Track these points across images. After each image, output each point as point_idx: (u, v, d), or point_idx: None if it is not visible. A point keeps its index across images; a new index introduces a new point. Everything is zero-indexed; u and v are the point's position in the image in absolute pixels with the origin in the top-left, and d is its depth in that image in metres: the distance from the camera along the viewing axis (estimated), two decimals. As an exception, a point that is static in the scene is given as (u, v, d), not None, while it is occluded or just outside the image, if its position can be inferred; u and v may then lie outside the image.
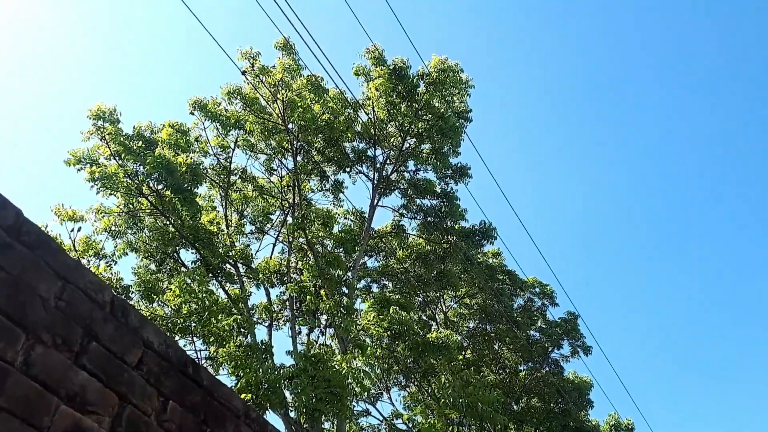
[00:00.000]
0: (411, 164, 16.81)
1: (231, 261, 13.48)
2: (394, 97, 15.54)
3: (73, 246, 12.23)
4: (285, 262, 14.56)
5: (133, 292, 12.63)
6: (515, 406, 18.61)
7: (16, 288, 1.87)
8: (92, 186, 12.61)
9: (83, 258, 12.57)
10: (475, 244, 17.30)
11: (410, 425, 9.08)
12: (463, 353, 17.98)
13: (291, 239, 14.55)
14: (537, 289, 20.00)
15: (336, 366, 10.31)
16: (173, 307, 11.59)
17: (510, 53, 43.73)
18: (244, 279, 14.00)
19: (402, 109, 15.54)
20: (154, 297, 12.36)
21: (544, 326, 19.76)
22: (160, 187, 12.91)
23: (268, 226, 15.53)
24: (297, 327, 13.97)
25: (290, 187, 14.97)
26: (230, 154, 14.97)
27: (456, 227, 16.72)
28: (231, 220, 14.80)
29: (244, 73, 13.78)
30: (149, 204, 13.06)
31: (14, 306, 1.84)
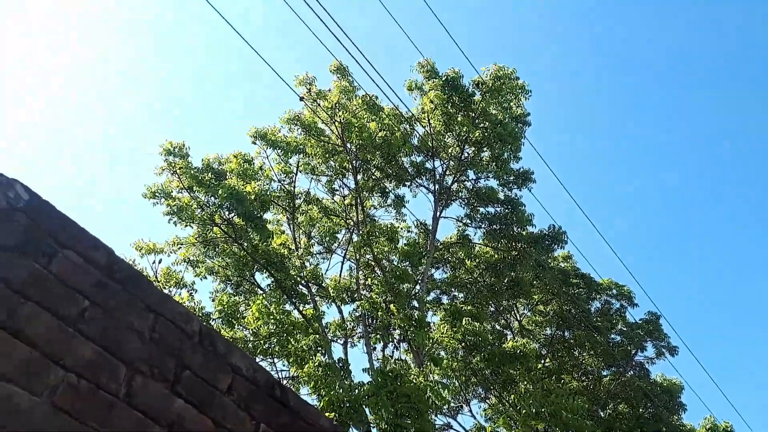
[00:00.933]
0: (471, 173, 16.68)
1: (303, 282, 13.78)
2: (449, 107, 15.52)
3: (156, 278, 12.87)
4: (354, 279, 14.73)
5: (213, 319, 13.12)
6: (602, 413, 17.91)
7: (114, 323, 1.99)
8: (170, 219, 13.27)
9: (165, 288, 13.19)
10: (545, 249, 16.89)
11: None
12: (542, 361, 17.52)
13: (358, 256, 14.71)
14: (614, 291, 19.28)
15: (413, 380, 10.28)
16: (253, 330, 11.95)
17: (564, 46, 42.76)
18: (317, 298, 14.26)
19: (458, 119, 15.48)
20: (234, 322, 12.78)
21: (625, 329, 18.99)
22: (231, 215, 13.41)
23: (335, 245, 15.79)
24: (371, 343, 14.05)
25: (353, 206, 15.18)
26: (293, 179, 15.37)
27: (524, 233, 16.41)
28: (300, 242, 15.14)
29: (302, 99, 14.16)
30: (222, 232, 13.58)
31: (113, 341, 1.96)
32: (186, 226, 13.62)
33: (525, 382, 15.70)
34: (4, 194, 1.84)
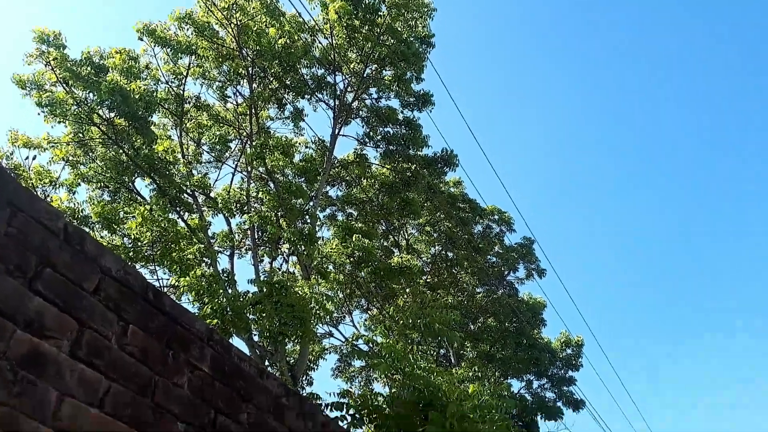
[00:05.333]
0: (373, 92, 16.56)
1: (189, 190, 13.30)
2: (354, 20, 15.06)
3: (28, 174, 11.90)
4: (245, 192, 14.43)
5: (92, 223, 12.44)
6: (472, 326, 19.49)
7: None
8: (39, 113, 12.09)
9: (39, 187, 12.26)
10: (438, 172, 17.45)
11: (371, 345, 9.46)
12: (424, 277, 18.53)
13: (250, 169, 14.36)
14: (496, 217, 20.53)
15: (299, 291, 10.52)
16: (134, 236, 11.50)
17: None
18: (203, 208, 13.87)
19: (363, 33, 15.10)
20: (115, 227, 12.21)
21: (501, 251, 20.43)
22: (112, 115, 12.44)
23: (226, 155, 15.27)
24: (259, 256, 14.06)
25: (247, 115, 14.62)
26: (182, 82, 14.42)
27: (419, 155, 16.76)
28: (187, 150, 14.46)
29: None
30: (101, 132, 12.62)
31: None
32: (59, 122, 12.49)
33: (405, 296, 16.61)
34: None
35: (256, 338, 11.09)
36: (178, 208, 13.02)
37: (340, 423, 6.78)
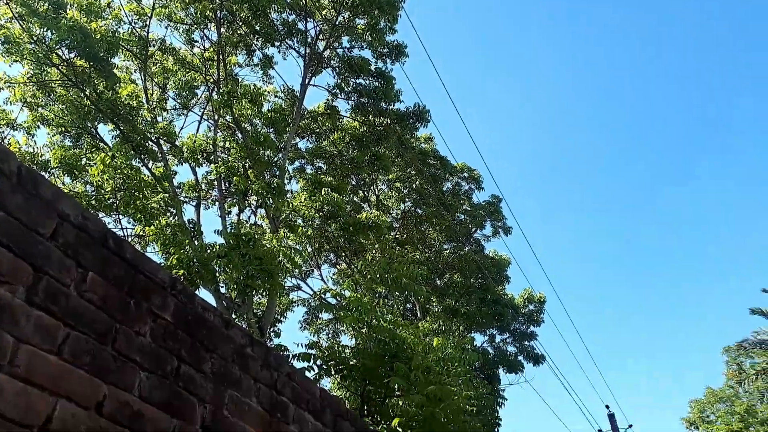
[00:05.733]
0: (345, 41, 16.15)
1: (153, 138, 12.90)
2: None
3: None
4: (211, 141, 14.08)
5: (52, 168, 12.03)
6: (438, 282, 19.79)
7: None
8: (-6, 48, 11.44)
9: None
10: (409, 128, 17.31)
11: (339, 299, 9.52)
12: (393, 233, 18.62)
13: (217, 117, 13.99)
14: (465, 174, 20.61)
15: (267, 245, 10.44)
16: (97, 184, 11.16)
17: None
18: (169, 157, 13.51)
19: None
20: (77, 173, 11.83)
21: (470, 209, 20.61)
22: (71, 55, 11.86)
23: (192, 102, 14.79)
24: (226, 207, 13.86)
25: (214, 61, 14.12)
26: (147, 23, 13.79)
27: (390, 109, 16.56)
28: (152, 95, 13.96)
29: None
30: (61, 74, 12.05)
31: None
32: (15, 61, 11.85)
33: (374, 251, 16.70)
34: None
35: (223, 291, 11.03)
36: (142, 156, 12.65)
37: (307, 374, 6.86)
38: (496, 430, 14.79)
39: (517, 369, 19.24)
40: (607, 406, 24.92)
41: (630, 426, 26.16)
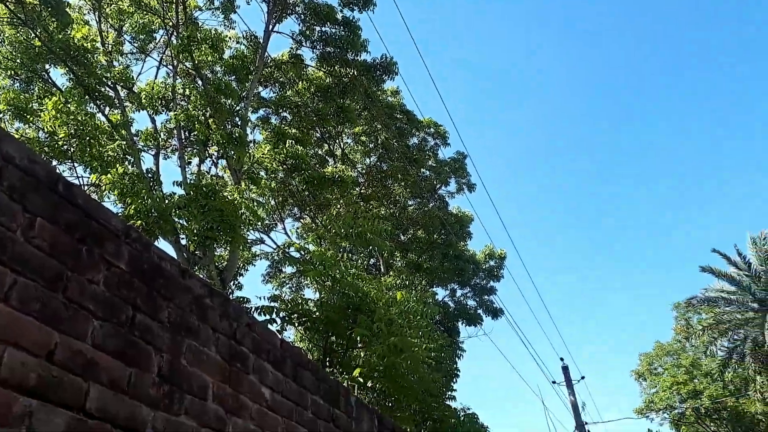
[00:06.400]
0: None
1: (109, 83, 12.35)
2: None
3: None
4: (170, 88, 13.57)
5: (1, 112, 11.44)
6: (402, 237, 19.94)
7: None
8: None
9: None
10: (376, 80, 17.00)
11: (302, 253, 9.48)
12: (358, 188, 18.54)
13: (176, 63, 13.45)
14: (431, 130, 20.51)
15: (228, 197, 10.26)
16: (49, 130, 10.68)
17: None
18: (126, 103, 12.99)
19: None
20: (29, 118, 11.28)
21: (435, 165, 20.63)
22: (18, -9, 11.14)
23: (150, 46, 14.16)
24: (186, 157, 13.51)
25: (173, 3, 13.48)
26: (101, -41, 13.01)
27: (357, 60, 16.19)
28: (107, 38, 13.29)
29: None
30: (8, 11, 11.32)
31: None
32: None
33: (338, 206, 16.63)
34: None
35: (184, 243, 10.85)
36: (97, 102, 12.12)
37: (270, 326, 6.87)
38: (454, 380, 15.26)
39: (476, 322, 19.75)
40: (562, 359, 25.91)
41: (582, 377, 27.41)
